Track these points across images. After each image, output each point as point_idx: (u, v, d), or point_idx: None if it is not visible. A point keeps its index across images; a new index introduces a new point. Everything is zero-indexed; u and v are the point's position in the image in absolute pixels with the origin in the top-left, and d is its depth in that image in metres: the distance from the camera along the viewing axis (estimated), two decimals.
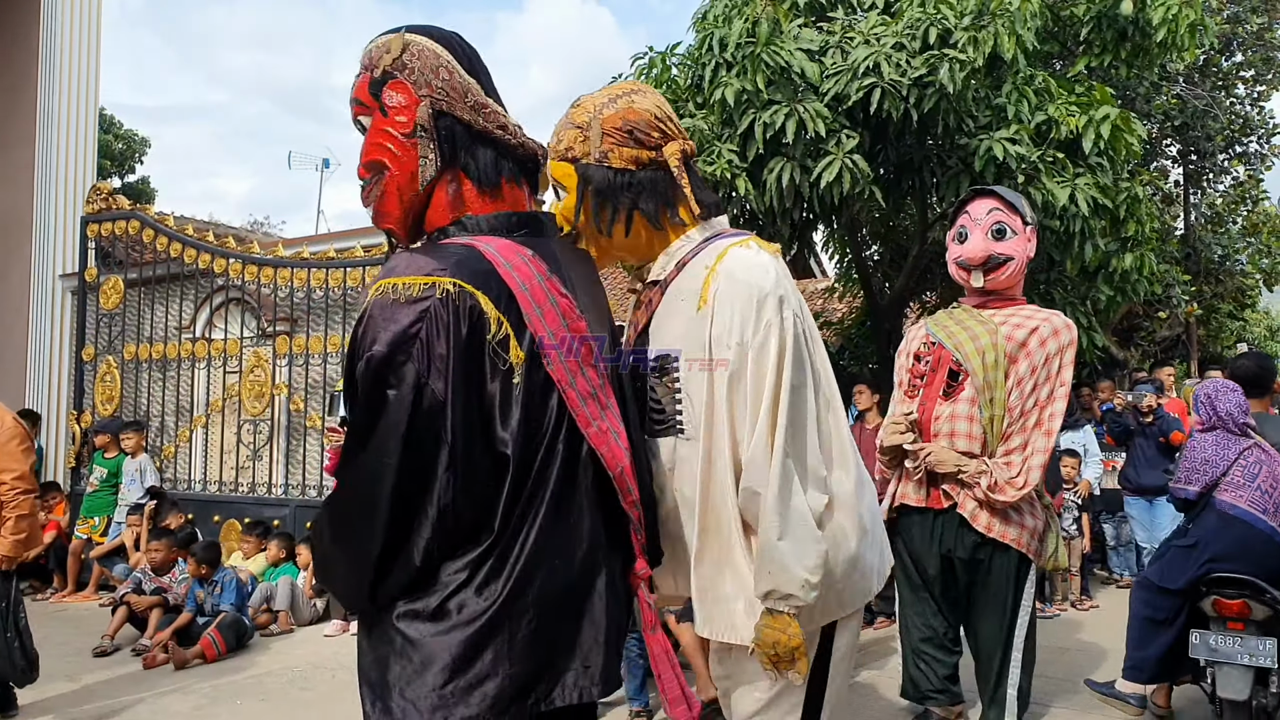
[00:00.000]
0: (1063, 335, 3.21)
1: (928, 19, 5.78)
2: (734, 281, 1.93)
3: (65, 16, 9.10)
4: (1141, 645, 3.89)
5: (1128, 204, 6.49)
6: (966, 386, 3.26)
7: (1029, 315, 3.29)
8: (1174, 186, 12.95)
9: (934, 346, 3.42)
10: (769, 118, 5.68)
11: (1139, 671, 3.92)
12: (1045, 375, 3.20)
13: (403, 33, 1.75)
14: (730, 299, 1.91)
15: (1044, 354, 3.20)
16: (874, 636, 6.15)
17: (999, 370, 3.21)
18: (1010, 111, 6.08)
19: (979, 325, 3.32)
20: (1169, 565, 3.83)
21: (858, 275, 8.81)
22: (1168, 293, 10.24)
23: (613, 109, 2.03)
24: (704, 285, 1.96)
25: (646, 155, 2.02)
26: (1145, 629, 3.86)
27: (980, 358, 3.23)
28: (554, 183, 2.09)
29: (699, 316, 1.95)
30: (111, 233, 8.38)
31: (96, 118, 9.51)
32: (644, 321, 2.07)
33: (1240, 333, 15.18)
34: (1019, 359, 3.22)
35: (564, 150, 2.05)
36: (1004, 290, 3.35)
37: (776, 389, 1.89)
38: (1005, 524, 3.23)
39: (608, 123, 2.02)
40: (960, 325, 3.37)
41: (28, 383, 8.89)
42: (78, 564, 7.51)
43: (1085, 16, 6.75)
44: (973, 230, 3.37)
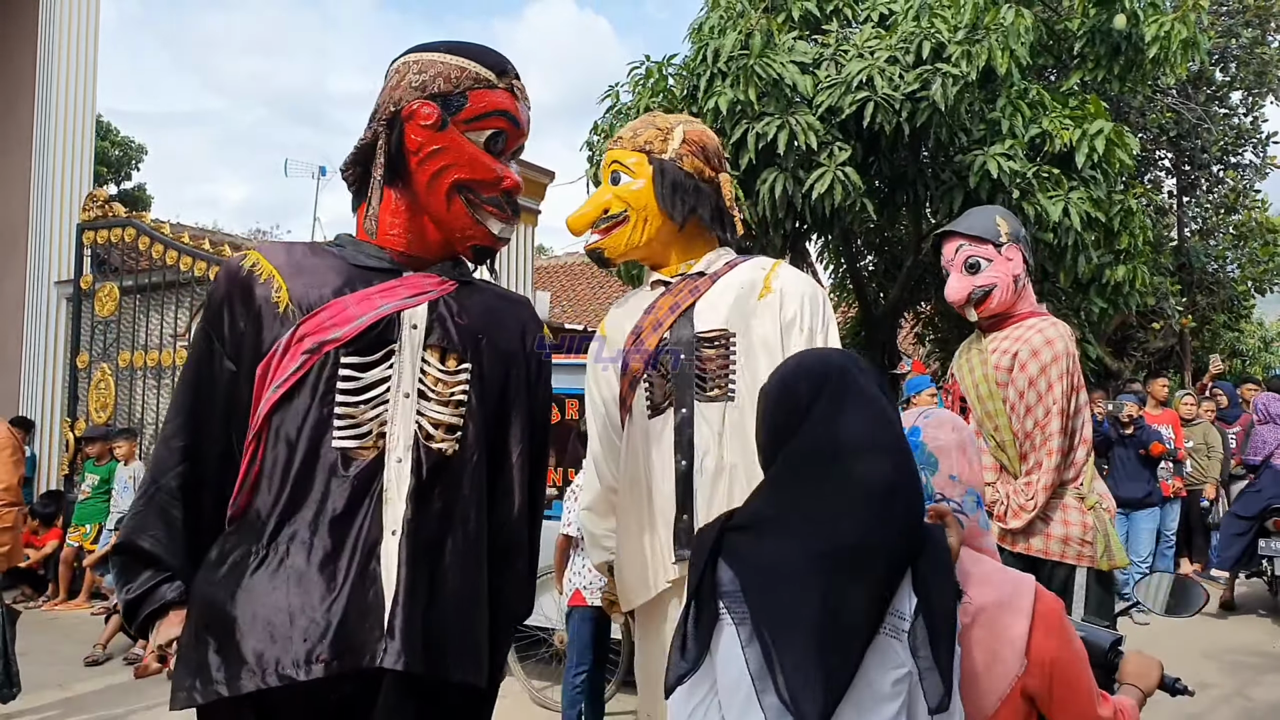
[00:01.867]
0: (1043, 354, 3.20)
1: (921, 33, 5.81)
2: (798, 280, 2.32)
3: (63, 23, 9.11)
4: (1228, 548, 6.89)
5: (1121, 217, 6.53)
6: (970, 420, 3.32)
7: (1016, 338, 3.29)
8: (1168, 197, 13.01)
9: (952, 380, 3.48)
10: (762, 128, 5.71)
11: (1225, 562, 6.89)
12: (1035, 397, 3.21)
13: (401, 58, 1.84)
14: (798, 293, 2.27)
15: (1026, 378, 3.22)
16: None
17: (995, 400, 3.26)
18: (1004, 125, 6.12)
19: (977, 356, 3.37)
20: (1245, 502, 6.91)
21: (852, 285, 8.83)
22: (1161, 304, 10.28)
23: (694, 128, 2.38)
24: (766, 279, 2.30)
25: (709, 173, 2.35)
26: (1230, 540, 6.83)
27: (975, 390, 3.29)
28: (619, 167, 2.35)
29: (763, 303, 2.26)
30: (108, 239, 8.38)
31: (93, 124, 9.50)
32: (686, 304, 2.29)
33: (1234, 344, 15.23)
34: (1007, 385, 3.26)
35: (642, 143, 2.35)
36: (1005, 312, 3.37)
37: None
38: (1029, 538, 3.26)
39: (690, 135, 2.35)
40: (966, 360, 3.43)
41: (21, 389, 8.87)
42: (69, 572, 7.49)
43: (1079, 31, 6.79)
44: (950, 271, 3.43)
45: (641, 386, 2.28)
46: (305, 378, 1.61)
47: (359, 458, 1.60)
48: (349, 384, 1.62)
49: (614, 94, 6.88)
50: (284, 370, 1.61)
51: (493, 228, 1.77)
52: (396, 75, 1.73)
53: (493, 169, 1.74)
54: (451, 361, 1.70)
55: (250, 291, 1.67)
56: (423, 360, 1.68)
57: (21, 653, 5.79)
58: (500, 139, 1.75)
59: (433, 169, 1.70)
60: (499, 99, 1.74)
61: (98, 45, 9.46)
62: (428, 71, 1.70)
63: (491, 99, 1.73)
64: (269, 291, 1.66)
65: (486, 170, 1.73)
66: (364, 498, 1.58)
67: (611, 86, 6.91)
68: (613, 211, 2.34)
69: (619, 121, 6.77)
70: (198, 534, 1.64)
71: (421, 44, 1.78)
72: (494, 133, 1.74)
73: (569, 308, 14.85)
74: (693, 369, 2.22)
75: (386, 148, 1.70)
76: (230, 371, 1.66)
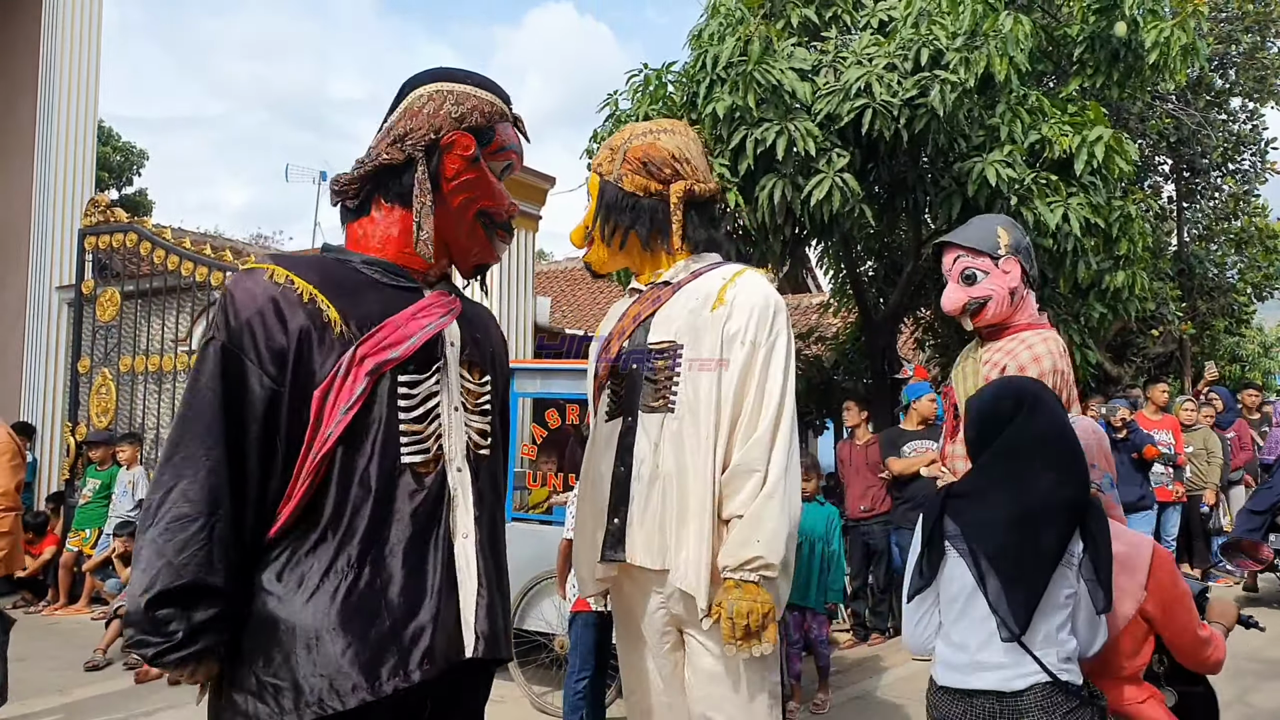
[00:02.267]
0: (1029, 371, 3.20)
1: (920, 40, 5.83)
2: (751, 292, 2.22)
3: (65, 29, 9.13)
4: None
5: (1120, 223, 6.54)
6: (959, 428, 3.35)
7: (1007, 351, 3.30)
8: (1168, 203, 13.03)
9: (948, 387, 3.51)
10: (760, 135, 5.72)
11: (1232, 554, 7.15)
12: None
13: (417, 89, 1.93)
14: (748, 305, 2.20)
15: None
16: (869, 653, 6.16)
17: None
18: (1004, 132, 6.13)
19: (971, 365, 3.41)
20: (1259, 497, 7.08)
21: (852, 291, 8.84)
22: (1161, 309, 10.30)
23: (640, 141, 2.36)
24: (721, 291, 2.24)
25: (655, 186, 2.32)
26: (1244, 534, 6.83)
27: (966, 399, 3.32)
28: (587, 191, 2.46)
29: (713, 315, 2.21)
30: (109, 245, 8.40)
31: (95, 130, 9.52)
32: (647, 313, 2.32)
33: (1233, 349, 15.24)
34: None
35: (597, 165, 2.40)
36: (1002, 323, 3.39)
37: (784, 386, 2.19)
38: None
39: (632, 152, 2.34)
40: (962, 369, 3.47)
41: (23, 394, 8.88)
42: (69, 577, 7.50)
43: (1078, 37, 6.81)
44: (948, 281, 3.47)
45: (605, 392, 2.35)
46: (370, 399, 1.68)
47: (426, 471, 1.72)
48: (407, 401, 1.71)
49: (613, 102, 6.90)
50: (349, 393, 1.66)
51: (499, 250, 1.94)
52: (431, 104, 1.80)
53: (505, 197, 1.90)
54: (477, 373, 1.86)
55: (288, 308, 1.65)
56: (461, 375, 1.82)
57: (21, 658, 5.80)
58: (509, 170, 1.93)
59: (464, 196, 1.82)
60: (513, 134, 1.93)
61: (100, 51, 9.49)
62: (464, 104, 1.82)
63: (509, 134, 1.91)
64: (316, 311, 1.66)
65: (502, 198, 1.89)
66: (438, 508, 1.72)
67: (611, 94, 6.93)
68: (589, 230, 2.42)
69: (619, 129, 6.77)
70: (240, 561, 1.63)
71: (442, 70, 1.88)
72: (507, 164, 1.91)
73: (569, 313, 14.87)
74: (642, 379, 2.26)
75: (428, 172, 1.78)
76: (270, 389, 1.62)
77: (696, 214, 2.35)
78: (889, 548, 6.47)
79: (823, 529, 5.03)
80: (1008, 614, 2.04)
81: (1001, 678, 2.06)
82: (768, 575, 2.06)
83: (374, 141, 1.82)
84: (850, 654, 6.10)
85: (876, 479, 6.53)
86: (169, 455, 1.59)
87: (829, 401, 9.30)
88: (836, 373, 9.50)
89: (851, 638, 6.44)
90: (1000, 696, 2.05)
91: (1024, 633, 2.03)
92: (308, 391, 1.63)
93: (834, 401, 9.15)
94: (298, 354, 1.63)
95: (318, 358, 1.64)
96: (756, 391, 2.15)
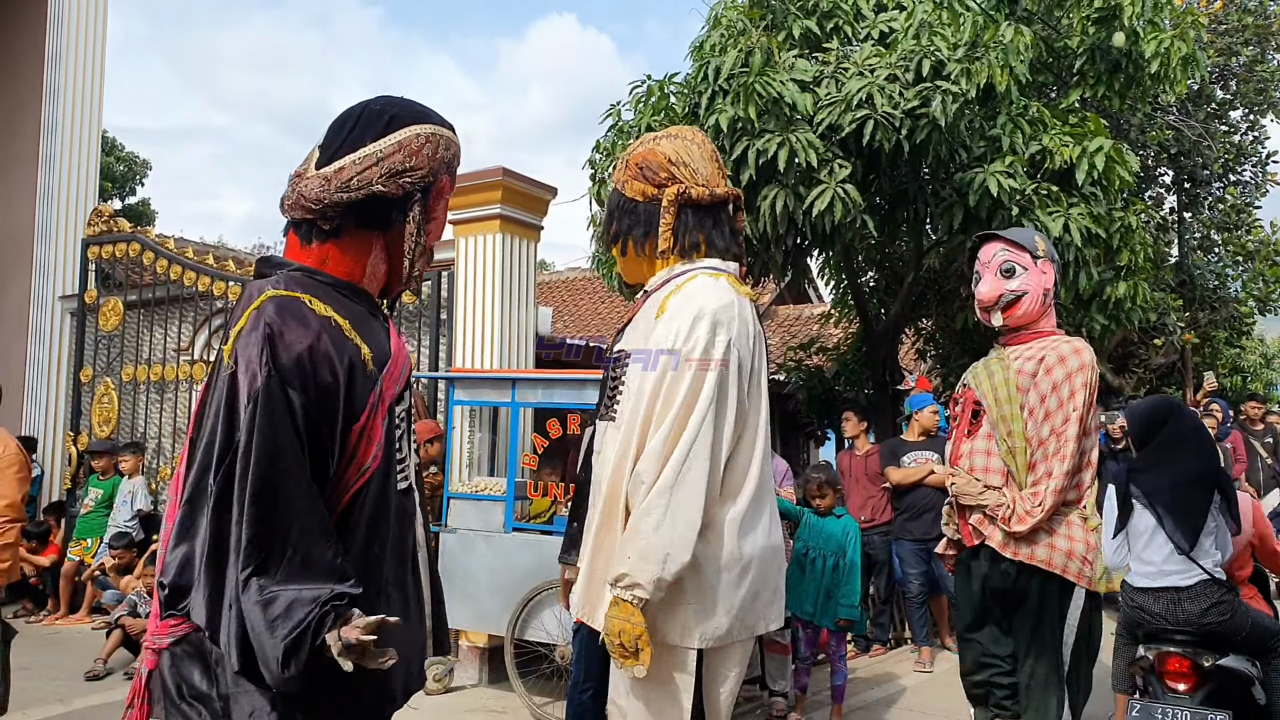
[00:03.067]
0: (1070, 361, 3.28)
1: (921, 50, 5.85)
2: (686, 298, 2.18)
3: (69, 39, 9.17)
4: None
5: (1121, 233, 6.54)
6: (984, 423, 3.36)
7: (1043, 347, 3.38)
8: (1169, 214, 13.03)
9: (964, 389, 3.51)
10: (762, 146, 5.73)
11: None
12: (1056, 403, 3.28)
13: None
14: (677, 312, 2.15)
15: (1050, 382, 3.29)
16: (872, 664, 6.14)
17: (1012, 404, 3.30)
18: (1004, 143, 6.14)
19: (998, 364, 3.43)
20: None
21: (853, 301, 8.85)
22: (1162, 320, 10.29)
23: (642, 148, 2.38)
24: (666, 298, 2.23)
25: (651, 191, 2.32)
26: None
27: (993, 394, 3.35)
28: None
29: (658, 322, 2.20)
30: (112, 255, 8.42)
31: (99, 140, 9.55)
32: (624, 322, 2.39)
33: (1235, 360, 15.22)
34: (1029, 390, 3.31)
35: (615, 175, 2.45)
36: (1030, 324, 3.43)
37: (694, 397, 2.06)
38: (1033, 546, 3.27)
39: (632, 158, 2.37)
40: (985, 368, 3.48)
41: (25, 403, 8.88)
42: (70, 586, 7.49)
43: (1079, 49, 6.82)
44: (984, 273, 3.51)
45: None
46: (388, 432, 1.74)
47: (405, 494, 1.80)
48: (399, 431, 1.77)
49: (616, 112, 6.92)
50: (380, 429, 1.69)
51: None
52: (429, 146, 1.80)
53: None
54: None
55: (334, 344, 1.64)
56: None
57: (22, 667, 5.80)
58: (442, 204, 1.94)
59: (434, 235, 1.88)
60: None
61: (103, 61, 9.53)
62: (450, 150, 1.85)
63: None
64: (355, 347, 1.68)
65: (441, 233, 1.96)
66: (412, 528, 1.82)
67: (613, 105, 6.95)
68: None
69: (620, 140, 6.80)
70: None
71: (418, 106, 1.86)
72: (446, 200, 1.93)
73: (571, 323, 14.88)
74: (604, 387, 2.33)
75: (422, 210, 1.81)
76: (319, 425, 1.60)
77: (694, 218, 2.31)
78: (890, 558, 6.46)
79: (837, 543, 4.87)
80: (1180, 540, 3.43)
81: (1178, 578, 3.45)
82: (638, 594, 1.96)
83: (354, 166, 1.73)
84: (852, 665, 6.09)
85: (877, 489, 6.53)
86: (265, 493, 1.51)
87: (830, 412, 9.29)
88: (837, 383, 9.49)
89: (853, 649, 6.43)
90: (1178, 589, 3.45)
91: (1191, 550, 3.42)
92: (348, 426, 1.64)
93: (835, 412, 9.15)
94: (347, 390, 1.63)
95: (359, 393, 1.66)
96: (664, 401, 2.07)
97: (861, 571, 6.55)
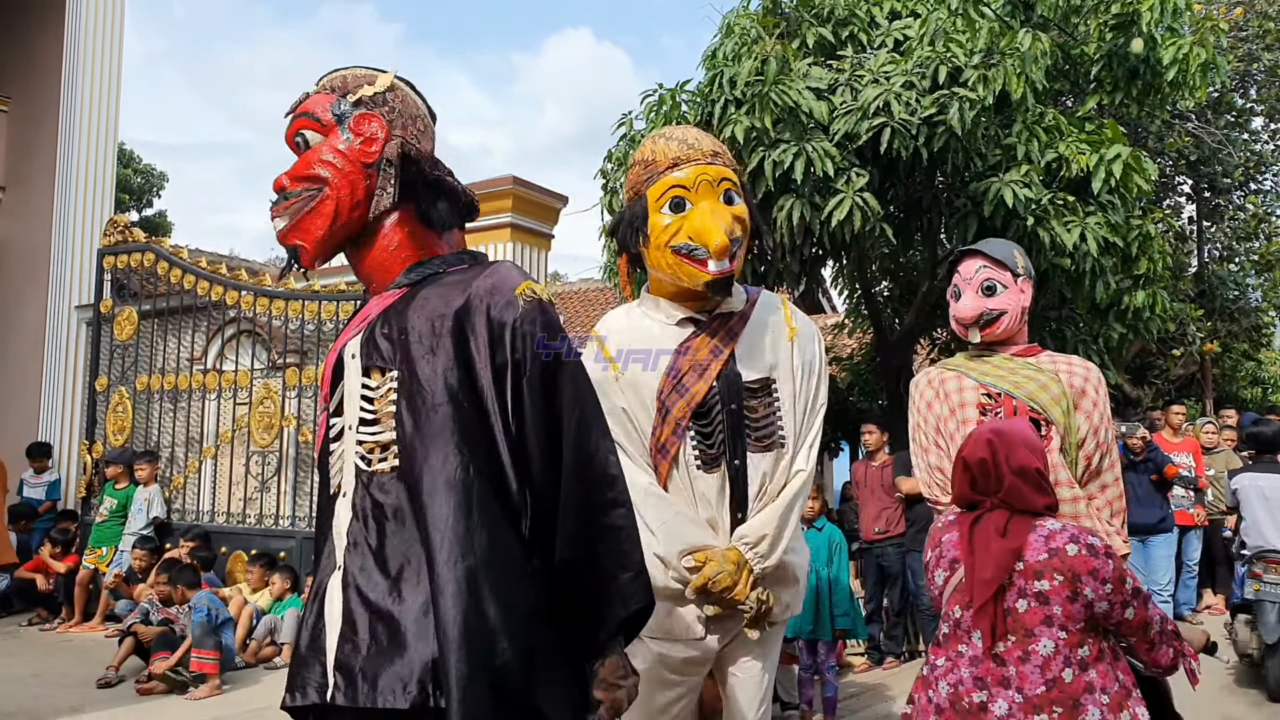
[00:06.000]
0: (1103, 386, 3.34)
1: (937, 58, 5.80)
2: (808, 322, 2.44)
3: (86, 53, 9.26)
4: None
5: (1139, 242, 6.46)
6: (1054, 436, 3.25)
7: (1069, 362, 3.39)
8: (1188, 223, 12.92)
9: (1000, 398, 3.33)
10: (778, 156, 5.69)
11: None
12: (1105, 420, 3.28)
13: (391, 74, 1.84)
14: (811, 337, 2.42)
15: (1104, 401, 3.30)
16: (884, 677, 6.07)
17: (1071, 417, 3.25)
18: (1020, 151, 6.08)
19: (1040, 374, 3.30)
20: None
21: (867, 311, 8.78)
22: (1181, 330, 10.18)
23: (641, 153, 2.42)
24: (788, 320, 2.41)
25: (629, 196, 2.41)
26: None
27: (1058, 406, 3.23)
28: (730, 186, 2.42)
29: (790, 345, 2.36)
30: (127, 265, 8.47)
31: (115, 151, 9.64)
32: (729, 349, 2.31)
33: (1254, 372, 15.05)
34: (1083, 405, 3.26)
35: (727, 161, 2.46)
36: (1008, 341, 3.39)
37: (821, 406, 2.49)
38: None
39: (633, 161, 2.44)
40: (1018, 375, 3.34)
41: (42, 412, 8.94)
42: (85, 594, 7.50)
43: (1095, 55, 6.76)
44: (964, 289, 3.43)
45: (688, 437, 2.27)
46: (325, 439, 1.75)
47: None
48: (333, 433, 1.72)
49: (628, 122, 6.90)
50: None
51: None
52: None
53: None
54: (376, 376, 1.66)
55: None
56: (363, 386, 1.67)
57: (35, 674, 5.82)
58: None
59: None
60: None
61: (120, 75, 9.63)
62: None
63: None
64: None
65: None
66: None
67: (625, 115, 6.93)
68: (736, 235, 2.43)
69: (632, 149, 6.78)
70: None
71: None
72: None
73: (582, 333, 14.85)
74: (741, 419, 2.31)
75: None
76: None
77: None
78: (904, 570, 6.38)
79: (825, 555, 4.97)
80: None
81: None
82: (767, 567, 2.31)
83: (431, 152, 1.82)
84: (864, 678, 6.01)
85: (892, 500, 6.46)
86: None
87: (844, 423, 9.22)
88: (851, 393, 9.42)
89: (866, 661, 6.35)
90: None
91: None
92: None
93: (849, 423, 9.07)
94: None
95: None
96: (810, 414, 2.47)
97: (876, 583, 6.52)
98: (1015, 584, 2.05)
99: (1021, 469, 2.19)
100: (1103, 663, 2.01)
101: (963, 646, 2.08)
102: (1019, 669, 1.99)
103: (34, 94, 9.44)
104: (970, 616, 2.07)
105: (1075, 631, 2.00)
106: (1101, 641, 2.05)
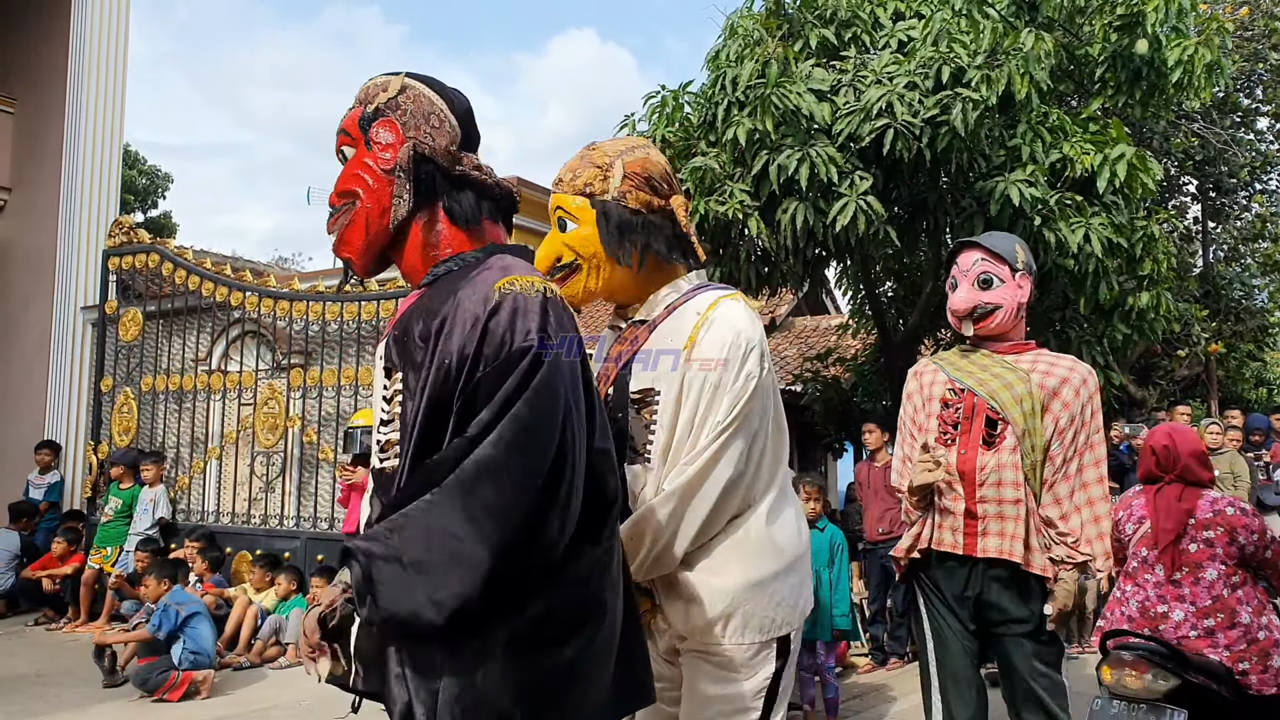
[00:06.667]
0: (1090, 382, 3.21)
1: (940, 58, 5.78)
2: (724, 329, 2.12)
3: (91, 55, 9.29)
4: None
5: (1144, 242, 6.44)
6: (1008, 436, 3.18)
7: (1053, 362, 3.25)
8: (1193, 223, 12.89)
9: (963, 393, 3.27)
10: (783, 161, 5.67)
11: None
12: (1081, 423, 3.17)
13: (402, 75, 1.83)
14: (719, 342, 2.10)
15: (1079, 403, 3.16)
16: (888, 677, 6.07)
17: (1036, 418, 3.14)
18: (1025, 151, 6.06)
19: (1010, 373, 3.23)
20: None
21: (871, 312, 8.77)
22: (1187, 330, 10.15)
23: (633, 156, 2.27)
24: (694, 329, 2.14)
25: (658, 202, 2.25)
26: None
27: (1019, 406, 3.15)
28: (562, 214, 2.26)
29: (682, 354, 2.12)
30: (132, 266, 8.50)
31: (120, 153, 9.66)
32: (629, 356, 2.23)
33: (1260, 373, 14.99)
34: (1052, 407, 3.17)
35: (581, 186, 2.25)
36: (1001, 336, 3.32)
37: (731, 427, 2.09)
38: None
39: (631, 167, 2.24)
40: (988, 372, 3.27)
41: (48, 412, 8.97)
42: (90, 594, 7.53)
43: (1100, 56, 6.74)
44: (961, 281, 3.38)
45: None
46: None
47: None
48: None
49: (630, 124, 6.89)
50: None
51: None
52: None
53: None
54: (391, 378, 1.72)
55: None
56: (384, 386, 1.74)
57: (40, 674, 5.84)
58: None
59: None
60: None
61: (125, 76, 9.65)
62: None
63: None
64: None
65: None
66: None
67: (627, 116, 6.91)
68: (564, 260, 2.26)
69: None
70: None
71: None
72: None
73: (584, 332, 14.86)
74: (625, 428, 2.16)
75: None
76: None
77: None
78: None
79: (827, 556, 4.96)
80: None
81: None
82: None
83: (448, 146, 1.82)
84: (868, 679, 6.01)
85: (895, 501, 6.45)
86: None
87: (847, 423, 9.21)
88: (855, 394, 9.41)
89: (870, 662, 6.35)
90: None
91: None
92: None
93: (853, 423, 9.06)
94: None
95: None
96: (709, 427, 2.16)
97: (879, 584, 6.52)
98: (1189, 534, 3.12)
99: (1194, 453, 3.27)
100: (1248, 585, 3.08)
101: (1148, 575, 3.15)
102: (1192, 589, 3.05)
103: (39, 96, 9.47)
104: (1155, 555, 3.14)
105: (1231, 566, 3.05)
106: (1247, 572, 3.09)
